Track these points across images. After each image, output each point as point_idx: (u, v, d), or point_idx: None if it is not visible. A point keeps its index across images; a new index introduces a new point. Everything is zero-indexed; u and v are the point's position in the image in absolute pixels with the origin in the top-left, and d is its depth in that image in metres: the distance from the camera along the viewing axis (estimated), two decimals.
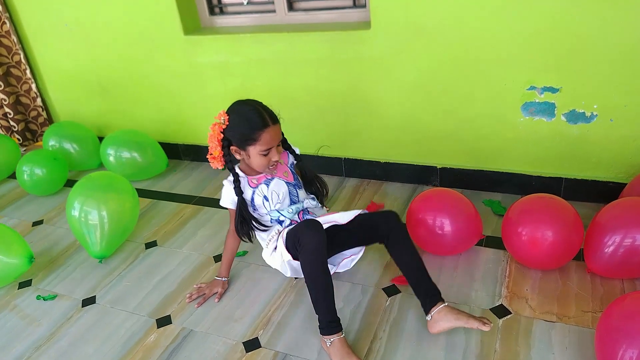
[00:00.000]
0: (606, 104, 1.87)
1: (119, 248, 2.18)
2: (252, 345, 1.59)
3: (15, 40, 2.95)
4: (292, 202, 1.72)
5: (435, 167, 2.29)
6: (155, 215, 2.41)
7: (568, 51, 1.83)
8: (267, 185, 1.70)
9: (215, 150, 1.64)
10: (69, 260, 2.14)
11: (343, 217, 1.58)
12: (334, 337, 1.46)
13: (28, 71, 3.06)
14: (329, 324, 1.47)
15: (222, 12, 2.59)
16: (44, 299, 1.93)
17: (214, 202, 2.46)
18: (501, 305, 1.60)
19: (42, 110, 3.21)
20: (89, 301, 1.89)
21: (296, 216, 1.72)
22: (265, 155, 1.58)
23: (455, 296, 1.67)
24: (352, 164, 2.47)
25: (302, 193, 1.76)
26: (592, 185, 2.02)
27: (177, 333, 1.68)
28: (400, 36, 2.05)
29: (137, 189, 2.63)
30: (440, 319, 1.46)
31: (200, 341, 1.64)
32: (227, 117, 1.59)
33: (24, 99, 3.17)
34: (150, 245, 2.18)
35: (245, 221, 1.67)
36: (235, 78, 2.51)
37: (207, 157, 1.67)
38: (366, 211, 1.65)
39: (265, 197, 1.69)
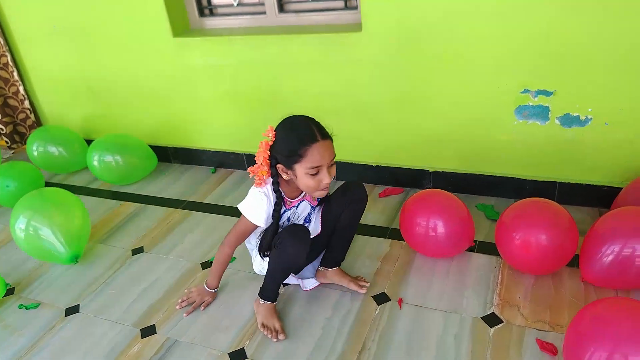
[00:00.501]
0: (601, 108, 1.83)
1: (104, 254, 2.13)
2: (238, 356, 1.55)
3: (2, 42, 2.90)
4: (305, 223, 1.67)
5: (428, 170, 2.25)
6: (142, 220, 2.37)
7: (562, 54, 1.79)
8: (297, 207, 1.60)
9: (261, 169, 1.48)
10: (53, 267, 2.09)
11: (317, 225, 1.65)
12: (268, 302, 1.63)
13: (15, 73, 3.01)
14: (271, 293, 1.63)
15: (212, 13, 2.54)
16: (26, 308, 1.89)
17: (203, 207, 2.41)
18: (493, 313, 1.56)
19: (30, 113, 3.16)
20: (72, 310, 1.84)
21: None
22: (313, 175, 1.41)
23: (446, 304, 1.63)
24: (343, 168, 2.43)
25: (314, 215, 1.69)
26: (586, 189, 1.99)
27: (162, 343, 1.64)
28: (392, 39, 2.02)
29: (125, 193, 2.63)
30: (330, 276, 1.74)
31: (185, 352, 1.59)
32: (274, 133, 1.45)
33: (11, 101, 3.12)
34: (136, 251, 2.14)
35: (269, 243, 1.58)
36: (226, 80, 2.47)
37: (248, 170, 1.52)
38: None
39: (289, 218, 1.61)
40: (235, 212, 2.30)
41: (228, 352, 1.57)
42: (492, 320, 1.54)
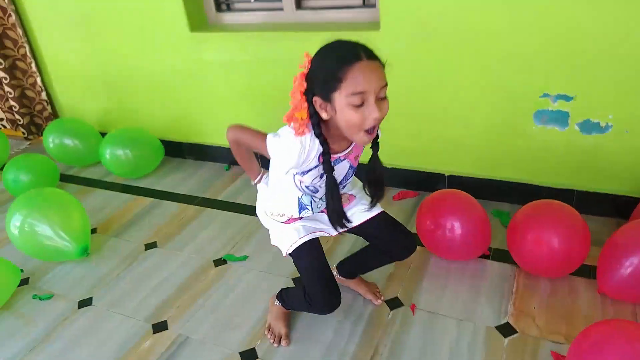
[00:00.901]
0: (622, 114, 1.79)
1: (117, 248, 2.15)
2: (249, 356, 1.55)
3: (20, 33, 2.92)
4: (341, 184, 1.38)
5: (443, 174, 2.23)
6: (156, 215, 2.37)
7: (584, 58, 1.75)
8: (334, 164, 1.27)
9: (300, 109, 1.15)
10: (66, 260, 2.11)
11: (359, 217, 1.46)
12: (282, 307, 1.63)
13: (33, 65, 3.03)
14: (289, 306, 1.62)
15: (229, 8, 2.53)
16: (40, 299, 1.91)
17: (217, 204, 2.42)
18: (507, 323, 1.55)
19: (47, 105, 3.18)
20: (85, 302, 1.86)
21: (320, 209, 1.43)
22: (357, 106, 1.09)
23: (459, 311, 1.61)
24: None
25: (350, 183, 1.43)
26: (605, 198, 1.95)
27: (173, 340, 1.64)
28: (410, 38, 1.99)
29: (139, 188, 2.64)
30: (348, 283, 1.72)
31: (196, 349, 1.60)
32: (310, 59, 1.15)
33: (29, 93, 3.14)
34: (150, 246, 2.15)
35: (338, 203, 1.28)
36: (242, 77, 2.46)
37: (284, 119, 1.21)
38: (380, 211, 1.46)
39: (322, 174, 1.28)
40: (248, 210, 2.31)
41: (239, 351, 1.57)
42: (506, 330, 1.52)
